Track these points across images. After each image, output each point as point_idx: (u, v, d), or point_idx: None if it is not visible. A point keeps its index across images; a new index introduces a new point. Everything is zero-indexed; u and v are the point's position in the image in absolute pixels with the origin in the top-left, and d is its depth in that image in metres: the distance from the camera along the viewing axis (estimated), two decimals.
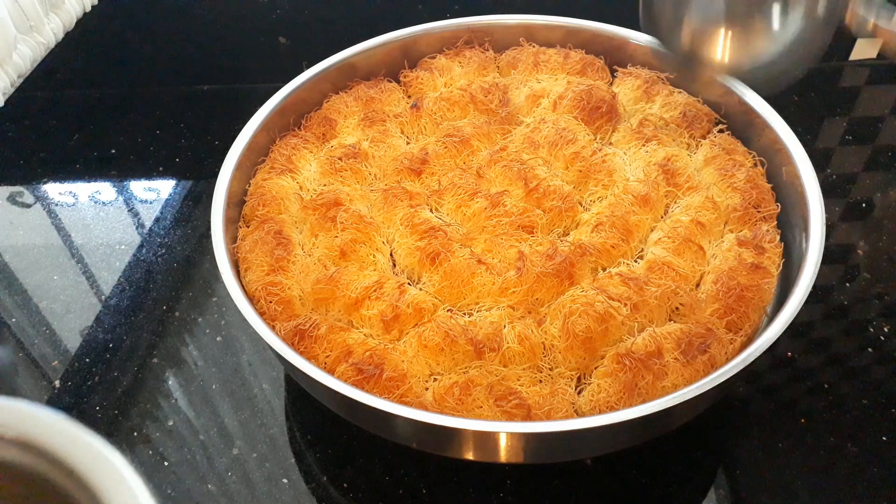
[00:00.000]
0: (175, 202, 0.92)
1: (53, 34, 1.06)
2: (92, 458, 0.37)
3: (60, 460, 0.38)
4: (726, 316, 0.62)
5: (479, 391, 0.57)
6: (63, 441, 0.38)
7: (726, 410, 0.69)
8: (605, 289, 0.63)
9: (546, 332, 0.61)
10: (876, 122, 0.98)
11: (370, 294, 0.63)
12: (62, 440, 0.38)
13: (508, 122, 0.78)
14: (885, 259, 0.82)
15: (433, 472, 0.65)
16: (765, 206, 0.70)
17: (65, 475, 0.38)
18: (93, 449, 0.38)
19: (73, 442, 0.38)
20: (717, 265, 0.66)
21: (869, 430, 0.67)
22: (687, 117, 0.77)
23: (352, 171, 0.74)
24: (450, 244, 0.66)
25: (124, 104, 1.06)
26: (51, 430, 0.38)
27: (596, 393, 0.58)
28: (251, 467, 0.67)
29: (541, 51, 0.85)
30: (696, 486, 0.65)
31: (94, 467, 0.37)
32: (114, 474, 0.37)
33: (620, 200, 0.69)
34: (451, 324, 0.61)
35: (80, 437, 0.38)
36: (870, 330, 0.75)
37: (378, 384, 0.58)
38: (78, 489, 0.37)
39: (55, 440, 0.38)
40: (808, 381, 0.71)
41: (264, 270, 0.66)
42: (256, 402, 0.71)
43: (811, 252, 0.62)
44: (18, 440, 0.38)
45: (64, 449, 0.38)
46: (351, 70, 0.84)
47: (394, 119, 0.79)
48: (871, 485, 0.64)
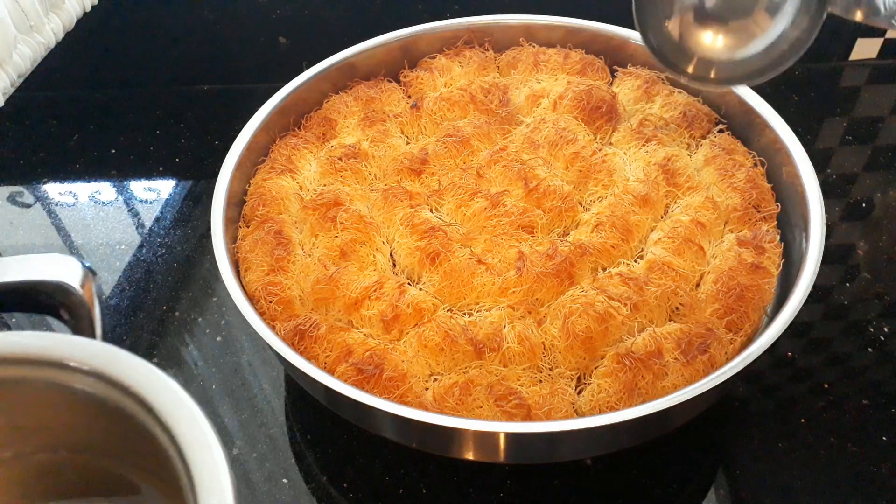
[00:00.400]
0: (175, 202, 0.92)
1: (53, 34, 1.06)
2: (159, 388, 0.42)
3: (131, 391, 0.42)
4: (726, 316, 0.62)
5: (479, 391, 0.57)
6: (134, 374, 0.43)
7: (726, 410, 0.69)
8: (605, 289, 0.63)
9: (546, 332, 0.61)
10: (876, 122, 0.98)
11: (370, 294, 0.63)
12: (133, 374, 0.43)
13: (508, 122, 0.78)
14: (885, 259, 0.82)
15: (433, 472, 0.65)
16: (765, 206, 0.70)
17: (135, 404, 0.42)
18: (160, 380, 0.42)
19: (144, 375, 0.43)
20: (717, 265, 0.66)
21: (869, 430, 0.67)
22: (687, 117, 0.77)
23: (352, 171, 0.74)
24: (450, 244, 0.66)
25: (124, 104, 1.06)
26: (124, 365, 0.43)
27: (596, 393, 0.58)
28: (251, 467, 0.67)
29: (541, 51, 0.85)
30: (696, 486, 0.65)
31: (162, 398, 0.41)
32: (178, 402, 0.41)
33: (620, 200, 0.69)
34: (451, 324, 0.61)
35: (151, 370, 0.43)
36: (870, 330, 0.75)
37: (378, 384, 0.58)
38: (149, 418, 0.41)
39: (127, 373, 0.43)
40: (808, 381, 0.71)
41: (264, 270, 0.66)
42: (256, 402, 0.71)
43: (811, 252, 0.62)
44: (95, 372, 0.43)
45: (134, 380, 0.42)
46: (351, 70, 0.84)
47: (394, 119, 0.79)
48: (871, 485, 0.64)
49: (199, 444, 0.40)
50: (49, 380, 0.44)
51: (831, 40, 1.05)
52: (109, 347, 0.45)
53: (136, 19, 1.02)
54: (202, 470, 0.39)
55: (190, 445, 0.40)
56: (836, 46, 1.05)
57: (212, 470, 0.39)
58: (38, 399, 0.45)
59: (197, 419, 0.41)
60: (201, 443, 0.40)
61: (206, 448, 0.40)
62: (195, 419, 0.41)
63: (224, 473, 0.39)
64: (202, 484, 0.39)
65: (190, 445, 0.40)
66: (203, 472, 0.39)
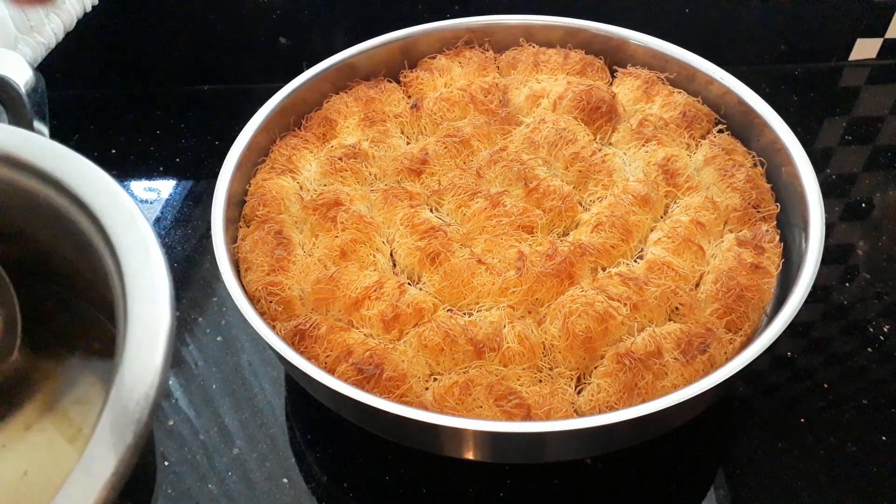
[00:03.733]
0: (175, 202, 0.92)
1: (53, 34, 1.06)
2: (86, 179, 0.41)
3: (56, 179, 0.41)
4: (726, 316, 0.62)
5: (479, 391, 0.57)
6: (67, 168, 0.42)
7: (726, 410, 0.69)
8: (604, 289, 0.63)
9: (546, 331, 0.62)
10: (876, 122, 0.98)
11: (370, 294, 0.63)
12: (61, 163, 0.42)
13: (508, 123, 0.78)
14: (885, 259, 0.82)
15: (433, 472, 0.65)
16: (764, 206, 0.70)
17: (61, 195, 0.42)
18: (90, 172, 0.41)
19: (70, 163, 0.42)
20: (716, 265, 0.66)
21: (869, 430, 0.67)
22: (687, 117, 0.77)
23: (352, 171, 0.74)
24: (450, 244, 0.66)
25: (124, 104, 1.06)
26: (55, 156, 0.42)
27: (596, 393, 0.58)
28: (251, 467, 0.67)
29: (541, 51, 0.85)
30: (696, 486, 0.65)
31: (89, 187, 0.41)
32: (110, 196, 0.41)
33: (620, 200, 0.69)
34: (451, 324, 0.61)
35: (78, 160, 0.42)
36: (870, 330, 0.75)
37: (378, 384, 0.58)
38: (74, 209, 0.41)
39: (58, 166, 0.41)
40: (808, 381, 0.71)
41: (264, 270, 0.66)
42: (256, 402, 0.71)
43: (811, 252, 0.62)
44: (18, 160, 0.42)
45: (61, 172, 0.42)
46: (351, 70, 0.84)
47: (394, 119, 0.79)
48: (871, 485, 0.64)
49: (135, 244, 0.38)
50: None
51: (831, 40, 1.05)
52: (42, 140, 0.43)
53: (136, 19, 1.02)
54: (135, 270, 0.38)
55: (124, 244, 0.39)
56: (836, 46, 1.05)
57: (147, 271, 0.38)
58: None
59: (135, 219, 0.39)
60: (138, 243, 0.38)
61: (142, 249, 0.38)
62: (133, 219, 0.39)
63: (161, 276, 0.38)
64: (134, 287, 0.38)
65: (124, 244, 0.39)
66: (136, 273, 0.38)
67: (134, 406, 0.36)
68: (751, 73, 0.91)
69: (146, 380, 0.37)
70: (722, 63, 0.80)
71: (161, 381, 0.37)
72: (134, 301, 0.38)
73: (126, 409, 0.35)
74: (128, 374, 0.37)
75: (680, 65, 0.81)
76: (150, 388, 0.36)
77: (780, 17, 1.02)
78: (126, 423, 0.35)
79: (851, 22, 1.03)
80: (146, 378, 0.37)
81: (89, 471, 0.34)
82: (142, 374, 0.37)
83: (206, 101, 1.06)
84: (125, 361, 0.37)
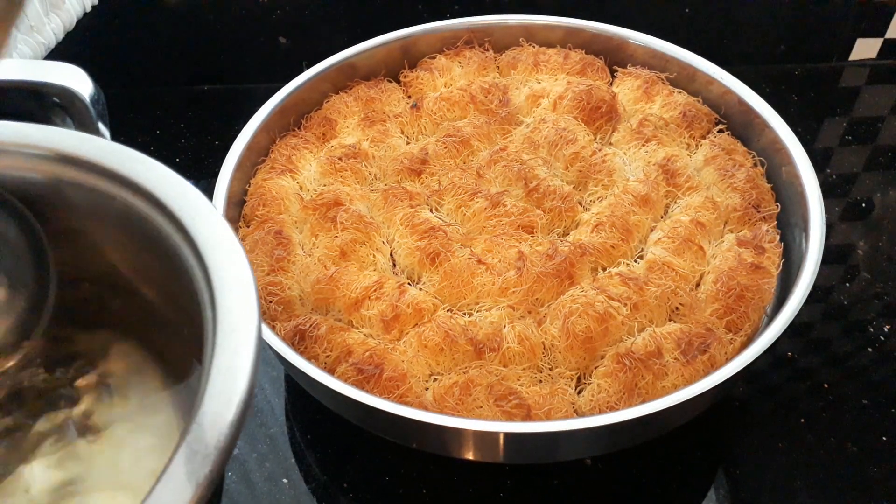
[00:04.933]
0: None
1: (53, 34, 1.06)
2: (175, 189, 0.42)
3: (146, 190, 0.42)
4: (726, 316, 0.62)
5: (479, 391, 0.57)
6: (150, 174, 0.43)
7: (726, 410, 0.69)
8: (605, 289, 0.63)
9: (546, 332, 0.61)
10: (876, 122, 0.98)
11: (370, 294, 0.63)
12: (149, 173, 0.43)
13: (508, 122, 0.78)
14: (885, 259, 0.82)
15: (433, 472, 0.65)
16: (765, 206, 0.70)
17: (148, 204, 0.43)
18: (178, 181, 0.43)
19: (160, 175, 0.43)
20: (717, 265, 0.66)
21: (869, 430, 0.67)
22: (687, 117, 0.77)
23: (352, 171, 0.74)
24: (450, 244, 0.66)
25: (124, 104, 1.06)
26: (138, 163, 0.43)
27: (596, 393, 0.58)
28: (251, 467, 0.67)
29: (541, 51, 0.85)
30: (696, 486, 0.65)
31: (179, 200, 0.41)
32: (195, 204, 0.41)
33: (620, 200, 0.69)
34: (451, 324, 0.61)
35: (152, 163, 0.43)
36: (870, 330, 0.75)
37: (378, 384, 0.58)
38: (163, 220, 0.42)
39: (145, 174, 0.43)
40: (808, 381, 0.71)
41: (264, 270, 0.66)
42: (256, 401, 0.71)
43: (811, 252, 0.62)
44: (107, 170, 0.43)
45: (147, 179, 0.43)
46: (351, 70, 0.84)
47: (394, 119, 0.79)
48: (871, 485, 0.64)
49: (220, 244, 0.39)
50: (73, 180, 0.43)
51: (831, 40, 1.05)
52: (123, 148, 0.44)
53: (136, 19, 1.02)
54: (222, 270, 0.38)
55: (209, 245, 0.39)
56: (836, 46, 1.05)
57: (235, 274, 0.37)
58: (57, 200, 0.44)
59: (218, 223, 0.39)
60: (222, 243, 0.39)
61: (228, 251, 0.38)
62: (215, 222, 0.40)
63: (248, 280, 0.38)
64: (222, 284, 0.37)
65: (209, 245, 0.39)
66: (224, 273, 0.38)
67: (212, 435, 0.34)
68: (751, 73, 0.91)
69: (228, 409, 0.35)
70: (722, 63, 0.80)
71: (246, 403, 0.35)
72: (223, 298, 0.38)
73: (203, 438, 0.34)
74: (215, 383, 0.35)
75: (680, 65, 0.81)
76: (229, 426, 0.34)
77: (780, 17, 1.02)
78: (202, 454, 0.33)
79: (851, 22, 1.03)
80: (230, 401, 0.35)
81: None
82: (227, 394, 0.35)
83: (206, 101, 1.06)
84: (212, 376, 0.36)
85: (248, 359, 0.36)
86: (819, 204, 0.66)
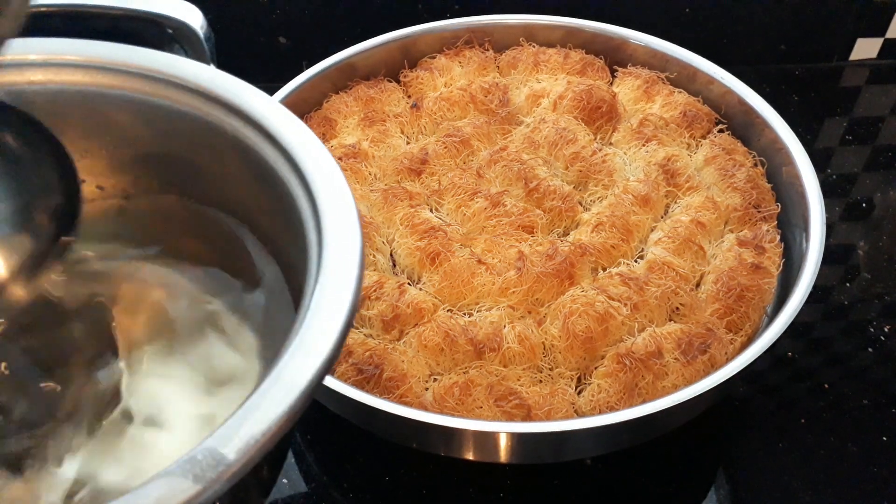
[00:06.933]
0: None
1: None
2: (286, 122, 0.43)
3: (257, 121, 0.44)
4: (726, 316, 0.62)
5: (479, 391, 0.57)
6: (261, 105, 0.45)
7: (726, 410, 0.69)
8: (605, 289, 0.62)
9: (546, 332, 0.61)
10: (876, 122, 0.98)
11: (370, 294, 0.63)
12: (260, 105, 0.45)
13: (508, 122, 0.78)
14: (885, 259, 0.82)
15: (433, 472, 0.65)
16: (765, 206, 0.70)
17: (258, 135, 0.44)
18: (273, 106, 0.44)
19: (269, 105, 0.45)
20: (717, 265, 0.66)
21: (869, 430, 0.67)
22: (687, 117, 0.77)
23: (352, 171, 0.74)
24: (450, 244, 0.66)
25: None
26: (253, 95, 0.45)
27: (596, 393, 0.58)
28: None
29: (541, 51, 0.85)
30: (696, 486, 0.65)
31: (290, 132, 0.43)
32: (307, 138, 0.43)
33: (620, 200, 0.69)
34: (451, 324, 0.61)
35: (262, 96, 0.45)
36: (870, 330, 0.75)
37: (378, 384, 0.58)
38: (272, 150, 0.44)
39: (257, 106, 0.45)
40: (808, 381, 0.71)
41: None
42: None
43: (811, 252, 0.62)
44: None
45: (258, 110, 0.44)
46: (351, 70, 0.84)
47: (394, 119, 0.79)
48: (871, 485, 0.64)
49: (327, 175, 0.40)
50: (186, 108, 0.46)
51: (831, 40, 1.05)
52: (237, 79, 0.46)
53: None
54: (329, 198, 0.39)
55: (317, 175, 0.40)
56: (836, 46, 1.05)
57: (340, 204, 0.39)
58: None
59: (321, 151, 0.41)
60: (329, 175, 0.40)
61: (333, 180, 0.40)
62: (319, 150, 0.41)
63: (351, 207, 0.39)
64: (329, 210, 0.39)
65: (317, 175, 0.40)
66: (330, 202, 0.39)
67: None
68: (751, 72, 0.91)
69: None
70: (722, 63, 0.80)
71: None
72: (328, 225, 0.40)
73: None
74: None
75: (680, 64, 0.81)
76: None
77: (780, 17, 1.02)
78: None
79: (851, 22, 1.02)
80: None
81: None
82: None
83: None
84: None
85: (353, 274, 0.38)
86: (819, 204, 0.66)
